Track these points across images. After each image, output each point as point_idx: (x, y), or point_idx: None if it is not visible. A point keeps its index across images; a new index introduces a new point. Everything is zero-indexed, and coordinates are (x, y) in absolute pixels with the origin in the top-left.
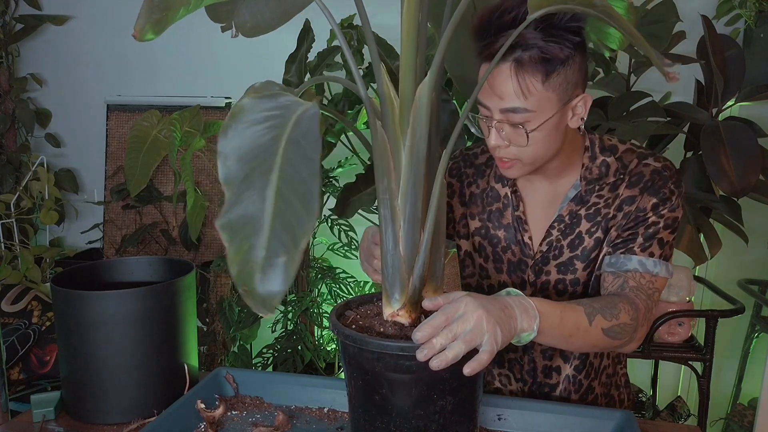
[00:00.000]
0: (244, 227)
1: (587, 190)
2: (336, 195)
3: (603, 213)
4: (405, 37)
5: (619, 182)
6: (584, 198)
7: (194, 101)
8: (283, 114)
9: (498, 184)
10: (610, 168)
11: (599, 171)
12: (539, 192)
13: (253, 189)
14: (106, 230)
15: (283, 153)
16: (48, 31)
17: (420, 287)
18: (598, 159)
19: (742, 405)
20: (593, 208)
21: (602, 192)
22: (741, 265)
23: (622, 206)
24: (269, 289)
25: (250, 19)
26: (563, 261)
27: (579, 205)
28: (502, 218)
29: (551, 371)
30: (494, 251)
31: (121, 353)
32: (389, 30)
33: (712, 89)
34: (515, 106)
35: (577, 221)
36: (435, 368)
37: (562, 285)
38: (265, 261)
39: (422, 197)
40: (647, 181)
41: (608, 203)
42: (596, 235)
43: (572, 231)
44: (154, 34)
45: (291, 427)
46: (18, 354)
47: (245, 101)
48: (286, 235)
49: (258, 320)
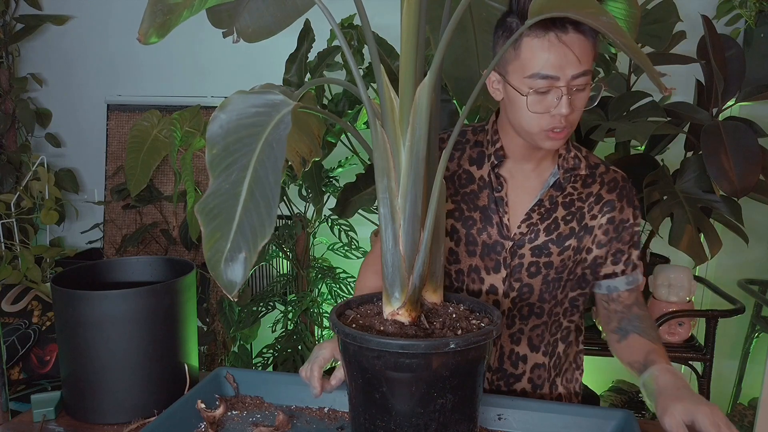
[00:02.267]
0: (217, 216)
1: (564, 178)
2: (336, 195)
3: (577, 206)
4: (405, 37)
5: (591, 181)
6: (562, 185)
7: (194, 101)
8: (269, 112)
9: (473, 166)
10: (581, 163)
11: (573, 162)
12: (521, 175)
13: (230, 182)
14: (107, 230)
15: (259, 153)
16: (48, 31)
17: (420, 286)
18: (572, 152)
19: (742, 405)
20: (569, 197)
21: (576, 184)
22: (741, 265)
23: (603, 209)
24: (231, 279)
25: (252, 24)
26: (538, 244)
27: (558, 191)
28: (477, 200)
29: (518, 360)
30: (468, 233)
31: (121, 353)
32: (389, 30)
33: (712, 89)
34: (586, 69)
35: (555, 207)
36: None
37: (535, 267)
38: (229, 253)
39: (422, 196)
40: (622, 188)
41: (581, 197)
42: (571, 224)
43: (549, 216)
44: (158, 37)
45: (291, 427)
46: (18, 354)
47: (235, 95)
48: (249, 233)
49: (258, 320)
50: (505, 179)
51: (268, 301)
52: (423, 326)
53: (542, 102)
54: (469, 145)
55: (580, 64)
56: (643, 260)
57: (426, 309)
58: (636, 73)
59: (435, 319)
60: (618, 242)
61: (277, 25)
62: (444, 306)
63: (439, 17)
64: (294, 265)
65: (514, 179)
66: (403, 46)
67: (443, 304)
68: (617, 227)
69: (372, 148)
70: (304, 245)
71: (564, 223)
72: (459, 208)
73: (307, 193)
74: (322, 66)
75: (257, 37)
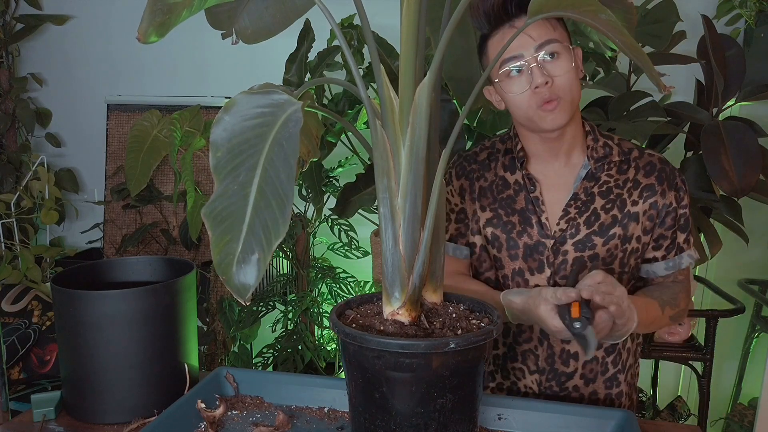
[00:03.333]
0: (226, 219)
1: (597, 168)
2: (336, 195)
3: (616, 192)
4: (404, 37)
5: (626, 167)
6: (595, 175)
7: (194, 101)
8: (274, 112)
9: (507, 172)
10: (613, 149)
11: (603, 151)
12: (552, 173)
13: (238, 183)
14: (107, 230)
15: (268, 152)
16: (48, 31)
17: (420, 286)
18: (600, 140)
19: (742, 405)
20: (605, 186)
21: (611, 171)
22: (741, 265)
23: (643, 194)
24: (243, 281)
25: (251, 25)
26: (581, 238)
27: (591, 182)
28: (515, 203)
29: (569, 357)
30: (508, 238)
31: (121, 353)
32: (390, 30)
33: (712, 89)
34: (549, 38)
35: (591, 198)
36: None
37: (580, 263)
38: (240, 255)
39: (422, 196)
40: (660, 170)
41: (619, 184)
42: (612, 212)
43: (587, 208)
44: (158, 36)
45: (291, 426)
46: (18, 354)
47: (239, 96)
48: (261, 234)
49: (258, 320)
50: (537, 180)
51: (268, 300)
52: (423, 326)
53: (520, 82)
54: (500, 153)
55: (540, 36)
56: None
57: (426, 309)
58: (636, 73)
59: (435, 319)
60: (660, 227)
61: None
62: (444, 306)
63: (440, 18)
64: (294, 265)
65: (547, 179)
66: (402, 46)
67: (443, 304)
68: (660, 212)
69: (372, 148)
70: (304, 245)
71: (604, 212)
72: (497, 215)
73: (307, 193)
74: (322, 66)
75: (256, 38)
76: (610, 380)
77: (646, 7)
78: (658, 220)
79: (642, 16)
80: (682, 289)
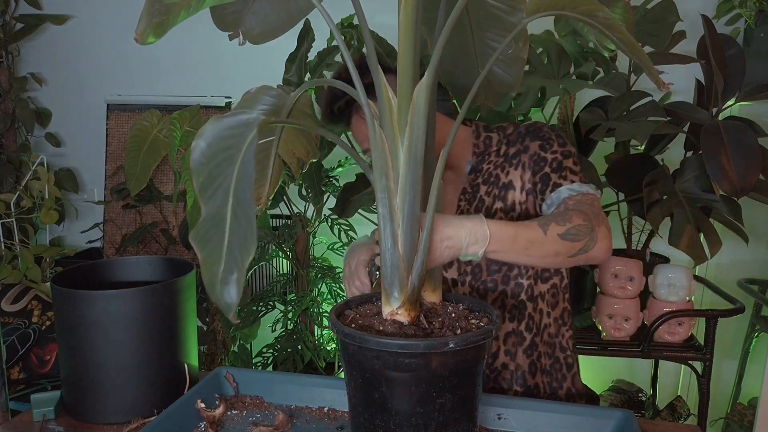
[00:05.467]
0: (209, 241)
1: (478, 161)
2: (336, 195)
3: (495, 174)
4: (402, 38)
5: (503, 146)
6: (477, 167)
7: (194, 101)
8: (242, 133)
9: None
10: (493, 140)
11: (485, 144)
12: (453, 177)
13: (216, 207)
14: (106, 230)
15: (237, 174)
16: (48, 31)
17: (419, 286)
18: (482, 136)
19: (742, 405)
20: (486, 173)
21: (491, 158)
22: (741, 265)
23: (512, 161)
24: (227, 301)
25: (257, 25)
26: None
27: (475, 174)
28: None
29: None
30: None
31: (121, 353)
32: (390, 29)
33: (712, 89)
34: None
35: (477, 188)
36: None
37: None
38: (222, 275)
39: (420, 196)
40: (524, 134)
41: (497, 165)
42: (493, 192)
43: (475, 197)
44: (156, 37)
45: (291, 426)
46: (18, 353)
47: (210, 122)
48: (237, 253)
49: (258, 320)
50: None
51: (268, 300)
52: (422, 326)
53: None
54: None
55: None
56: (643, 260)
57: (425, 309)
58: (636, 72)
59: (434, 319)
60: (534, 177)
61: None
62: (443, 305)
63: (435, 18)
64: (294, 264)
65: (448, 184)
66: (401, 46)
67: (442, 304)
68: (529, 166)
69: (371, 148)
70: (304, 245)
71: (488, 196)
72: None
73: (307, 193)
74: (322, 65)
75: (263, 38)
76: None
77: (645, 7)
78: (530, 173)
79: (642, 15)
80: (575, 210)
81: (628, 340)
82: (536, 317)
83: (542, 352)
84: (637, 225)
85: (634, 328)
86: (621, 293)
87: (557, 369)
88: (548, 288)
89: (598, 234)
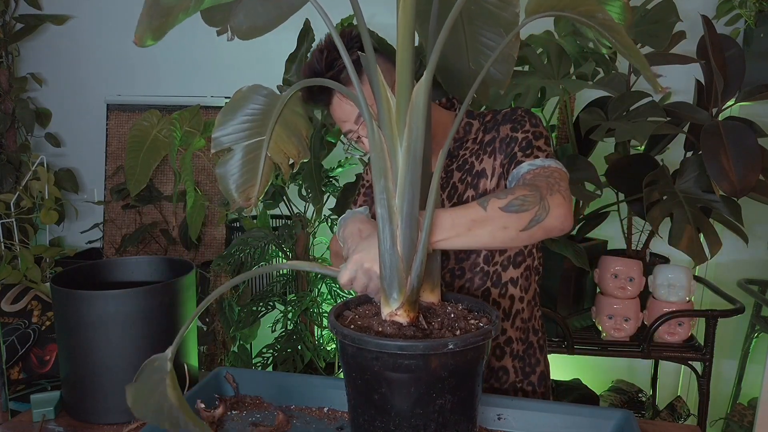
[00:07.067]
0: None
1: (455, 147)
2: (336, 195)
3: (470, 161)
4: (401, 39)
5: (480, 133)
6: (453, 153)
7: (194, 101)
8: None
9: None
10: (473, 127)
11: (464, 131)
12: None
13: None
14: (106, 230)
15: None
16: (48, 31)
17: (418, 286)
18: (463, 121)
19: (742, 405)
20: (461, 159)
21: (467, 145)
22: (741, 265)
23: (486, 148)
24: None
25: (246, 21)
26: None
27: (450, 159)
28: None
29: None
30: None
31: (121, 353)
32: (390, 29)
33: (712, 89)
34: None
35: (450, 174)
36: None
37: None
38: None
39: (419, 197)
40: (500, 120)
41: (472, 152)
42: (466, 180)
43: (448, 183)
44: (154, 39)
45: (291, 427)
46: (18, 354)
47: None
48: None
49: (258, 320)
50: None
51: (267, 300)
52: (421, 327)
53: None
54: None
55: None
56: (643, 260)
57: (424, 309)
58: (636, 73)
59: (433, 320)
60: (505, 160)
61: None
62: (442, 306)
63: (427, 12)
64: None
65: None
66: (399, 47)
67: (441, 304)
68: (500, 150)
69: (370, 149)
70: (304, 245)
71: (461, 183)
72: None
73: (306, 193)
74: None
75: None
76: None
77: (645, 7)
78: (502, 156)
79: (641, 16)
80: (521, 183)
81: (628, 341)
82: (505, 303)
83: (514, 338)
84: (637, 225)
85: (634, 329)
86: (621, 293)
87: (531, 354)
88: (521, 272)
89: (550, 202)
